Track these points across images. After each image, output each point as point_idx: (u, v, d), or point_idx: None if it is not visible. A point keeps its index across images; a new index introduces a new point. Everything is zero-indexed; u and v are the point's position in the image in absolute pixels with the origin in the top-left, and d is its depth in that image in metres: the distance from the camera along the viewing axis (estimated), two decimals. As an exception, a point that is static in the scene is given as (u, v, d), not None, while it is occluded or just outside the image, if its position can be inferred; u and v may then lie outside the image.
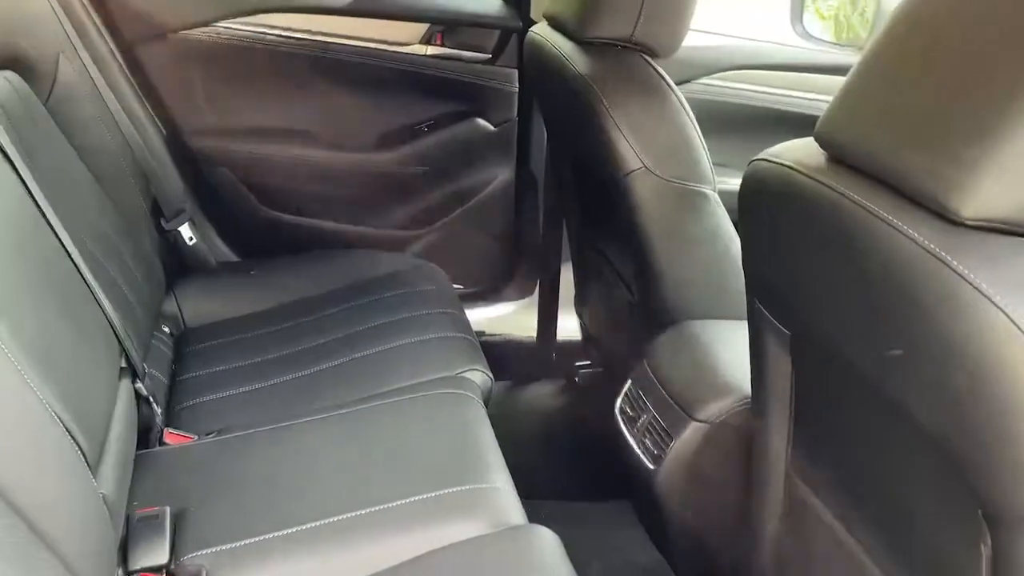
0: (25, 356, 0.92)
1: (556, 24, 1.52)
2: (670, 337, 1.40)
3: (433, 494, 1.14)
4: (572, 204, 1.79)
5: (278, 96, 1.89)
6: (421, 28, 1.95)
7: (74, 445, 0.96)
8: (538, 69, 1.61)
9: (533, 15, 1.89)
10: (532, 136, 1.98)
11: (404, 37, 1.93)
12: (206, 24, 1.76)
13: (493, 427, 1.34)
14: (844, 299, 0.84)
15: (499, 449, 1.28)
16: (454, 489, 1.15)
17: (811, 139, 0.89)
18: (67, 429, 0.96)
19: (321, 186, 1.94)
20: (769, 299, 1.04)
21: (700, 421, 1.24)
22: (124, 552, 1.06)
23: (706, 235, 1.39)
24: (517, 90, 1.95)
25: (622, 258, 1.60)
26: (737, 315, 1.40)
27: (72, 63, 1.54)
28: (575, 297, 1.98)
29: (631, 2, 1.33)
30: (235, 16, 1.78)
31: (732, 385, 1.24)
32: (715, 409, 1.23)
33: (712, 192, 1.37)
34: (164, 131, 1.80)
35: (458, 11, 1.91)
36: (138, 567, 1.05)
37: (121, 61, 1.71)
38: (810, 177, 0.84)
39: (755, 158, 0.96)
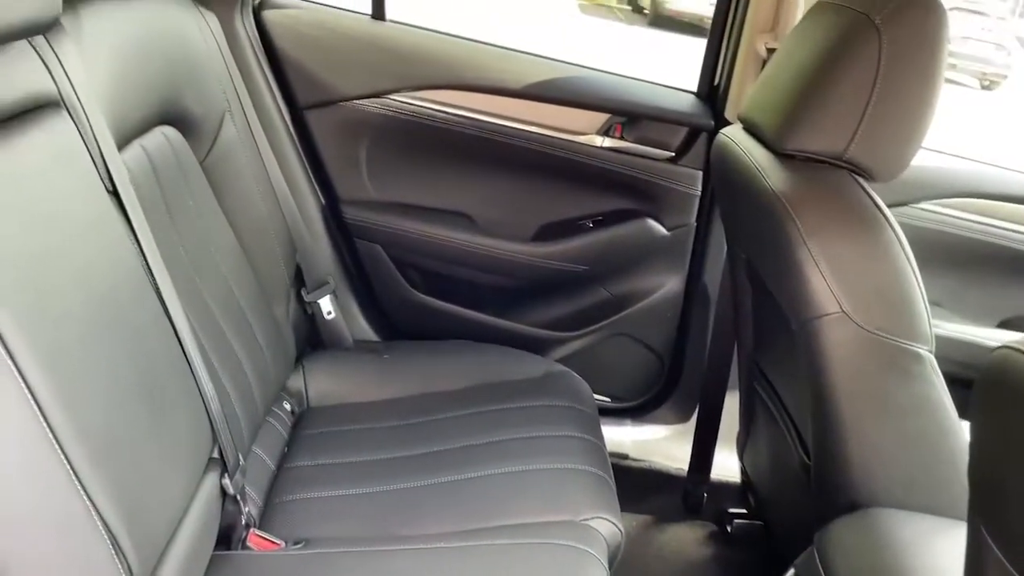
0: (81, 449, 0.81)
1: (752, 129, 1.32)
2: (852, 525, 1.12)
3: None
4: (747, 329, 1.55)
5: (440, 175, 1.79)
6: (600, 118, 1.80)
7: (119, 562, 0.84)
8: (725, 175, 1.40)
9: (728, 115, 1.69)
10: (710, 246, 1.77)
11: (580, 126, 1.79)
12: (378, 96, 1.70)
13: (622, 571, 1.12)
14: None
15: None
16: None
17: None
18: (115, 541, 0.83)
19: (470, 273, 1.81)
20: (1004, 535, 0.76)
21: (881, 654, 0.96)
22: None
23: (914, 405, 1.11)
24: (699, 194, 1.74)
25: (800, 408, 1.34)
26: (946, 511, 1.11)
27: (237, 123, 1.50)
28: (738, 434, 1.72)
29: (847, 114, 1.10)
30: (409, 90, 1.71)
31: (931, 614, 0.95)
32: (904, 643, 0.95)
33: (928, 353, 1.10)
34: (322, 199, 1.74)
35: (645, 104, 1.74)
36: None
37: (290, 125, 1.68)
38: None
39: (1005, 344, 0.71)
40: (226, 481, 1.13)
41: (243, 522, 1.19)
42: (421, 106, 1.74)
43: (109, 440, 0.87)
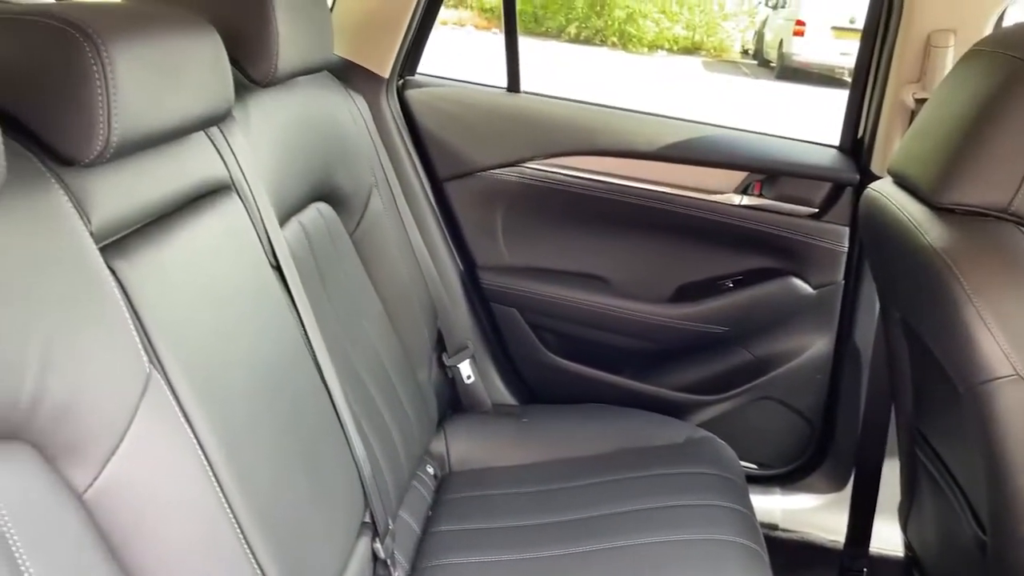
0: (248, 513, 0.86)
1: (904, 182, 1.26)
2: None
3: None
4: (906, 392, 1.46)
5: (576, 239, 1.81)
6: (737, 177, 1.77)
7: (281, 624, 0.87)
8: (876, 231, 1.34)
9: (874, 168, 1.63)
10: (860, 304, 1.69)
11: (717, 185, 1.77)
12: (514, 164, 1.75)
13: None
14: None
15: None
16: None
17: None
18: (278, 603, 0.87)
19: (607, 336, 1.80)
20: None
21: None
22: None
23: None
24: (846, 250, 1.68)
25: (970, 477, 1.24)
26: None
27: (383, 197, 1.58)
28: (900, 504, 1.60)
29: (1011, 165, 1.04)
30: (544, 158, 1.75)
31: None
32: None
33: None
34: (461, 266, 1.79)
35: (785, 161, 1.71)
36: None
37: (431, 196, 1.74)
38: None
39: None
40: (377, 546, 1.16)
41: (393, 587, 1.21)
42: (556, 172, 1.77)
43: (273, 504, 0.91)
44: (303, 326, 1.12)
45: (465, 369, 1.73)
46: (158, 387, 0.79)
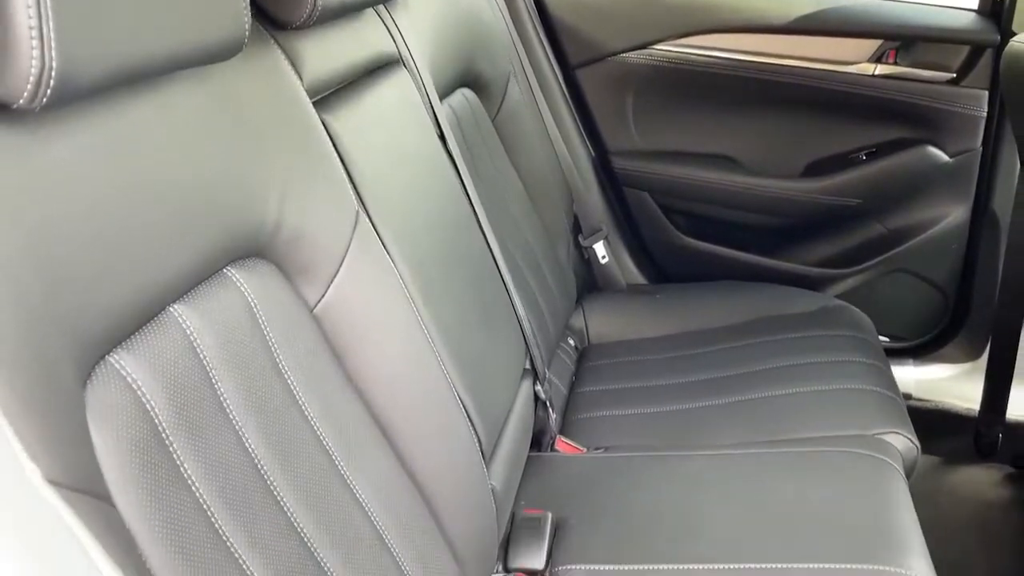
0: (444, 345, 0.98)
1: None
2: None
3: (835, 566, 0.97)
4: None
5: (706, 120, 1.84)
6: (870, 46, 1.75)
7: (473, 435, 1.00)
8: (1020, 88, 1.33)
9: (1016, 28, 1.59)
10: (999, 170, 1.67)
11: (849, 55, 1.75)
12: (643, 47, 1.78)
13: (914, 506, 1.12)
14: None
15: (920, 531, 1.06)
16: (861, 567, 0.97)
17: None
18: (470, 418, 1.00)
19: (738, 214, 1.85)
20: None
21: None
22: (505, 547, 1.08)
23: None
24: (984, 115, 1.65)
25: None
26: None
27: (520, 84, 1.65)
28: (1039, 370, 1.61)
29: None
30: (674, 38, 1.77)
31: None
32: None
33: None
34: (593, 151, 1.86)
35: (920, 25, 1.68)
36: (516, 565, 1.06)
37: (562, 83, 1.81)
38: None
39: None
40: (538, 387, 1.28)
41: (551, 429, 1.33)
42: (684, 52, 1.80)
43: (456, 335, 1.03)
44: (467, 192, 1.22)
45: (600, 250, 1.82)
46: (364, 224, 0.92)
